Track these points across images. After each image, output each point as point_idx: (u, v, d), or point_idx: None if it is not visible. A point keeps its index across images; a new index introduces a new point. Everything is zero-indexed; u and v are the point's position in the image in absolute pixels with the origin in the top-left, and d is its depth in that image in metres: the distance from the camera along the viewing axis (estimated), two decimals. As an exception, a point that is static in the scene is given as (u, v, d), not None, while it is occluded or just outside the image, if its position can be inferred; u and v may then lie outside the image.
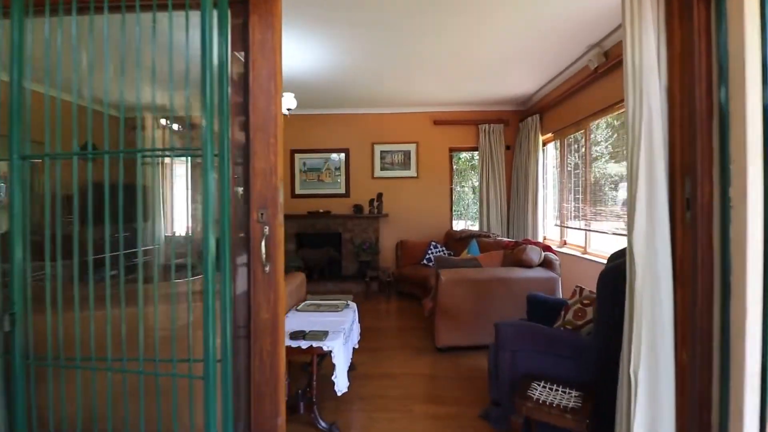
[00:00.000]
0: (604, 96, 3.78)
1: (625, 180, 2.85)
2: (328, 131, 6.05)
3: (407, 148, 5.96)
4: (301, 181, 6.08)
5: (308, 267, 5.75)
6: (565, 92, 4.44)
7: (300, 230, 6.02)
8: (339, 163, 6.02)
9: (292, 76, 4.48)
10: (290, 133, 5.95)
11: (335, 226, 5.97)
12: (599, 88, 3.88)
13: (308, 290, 5.63)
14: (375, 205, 5.84)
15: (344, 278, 5.81)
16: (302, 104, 5.71)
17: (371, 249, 5.71)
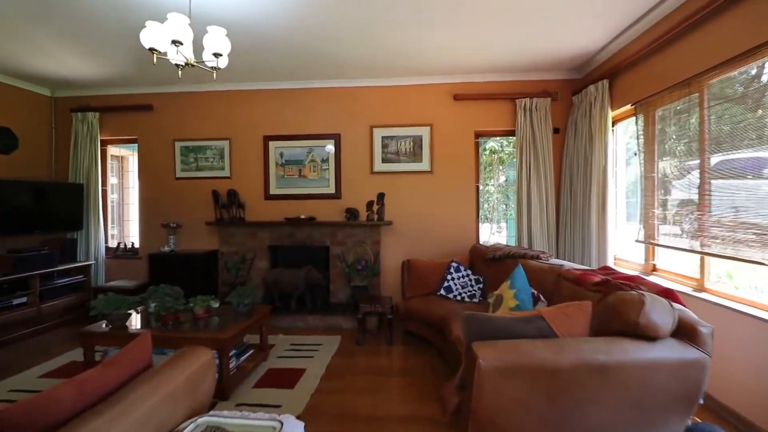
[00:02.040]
0: (733, 37, 2.20)
1: None
2: (313, 112, 4.55)
3: (418, 132, 4.41)
4: (278, 178, 4.59)
5: (283, 293, 4.26)
6: (659, 39, 2.84)
7: (275, 242, 4.54)
8: (327, 153, 4.51)
9: (242, 17, 2.99)
10: (260, 113, 4.47)
11: (321, 237, 4.46)
12: (726, 25, 2.29)
13: (283, 326, 4.20)
14: (374, 209, 4.32)
15: (332, 308, 4.30)
16: (277, 75, 4.22)
17: (369, 270, 4.19)
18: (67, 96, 4.86)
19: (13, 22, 3.10)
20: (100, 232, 4.83)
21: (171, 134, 4.75)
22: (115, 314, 2.76)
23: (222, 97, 4.67)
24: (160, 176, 4.80)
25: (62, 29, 3.22)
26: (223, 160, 4.67)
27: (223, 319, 2.99)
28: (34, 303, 4.03)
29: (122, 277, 4.85)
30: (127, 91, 4.77)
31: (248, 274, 4.55)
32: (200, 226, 4.70)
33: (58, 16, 3.02)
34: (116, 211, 5.24)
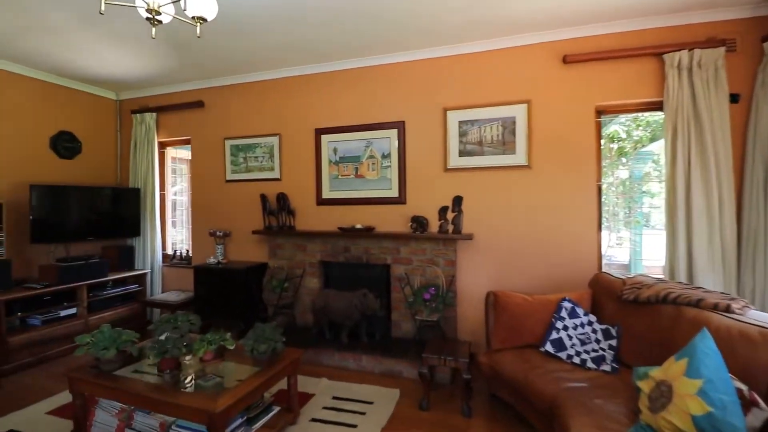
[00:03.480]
0: None
1: None
2: (371, 96, 3.63)
3: (509, 113, 3.20)
4: (331, 179, 3.78)
5: (333, 322, 3.43)
6: None
7: (327, 257, 3.73)
8: (389, 146, 3.56)
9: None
10: (312, 102, 3.73)
11: (381, 252, 3.53)
12: None
13: (329, 365, 3.25)
14: (449, 217, 3.25)
15: (393, 345, 3.32)
16: (330, 53, 3.42)
17: (440, 300, 3.12)
18: (130, 98, 4.71)
19: (70, 27, 2.77)
20: (157, 238, 4.57)
21: (221, 132, 4.27)
22: (103, 357, 2.16)
23: (271, 86, 4.02)
24: (210, 179, 4.36)
25: (111, 29, 2.81)
26: (272, 160, 4.02)
27: (235, 371, 2.23)
28: (82, 315, 3.82)
29: (178, 288, 4.52)
30: (179, 88, 4.42)
31: (296, 294, 3.83)
32: (250, 235, 4.12)
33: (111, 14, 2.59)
34: (178, 216, 4.99)
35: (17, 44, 3.30)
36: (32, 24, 2.95)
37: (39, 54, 3.51)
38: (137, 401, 2.00)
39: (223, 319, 3.80)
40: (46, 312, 3.56)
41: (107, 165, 4.70)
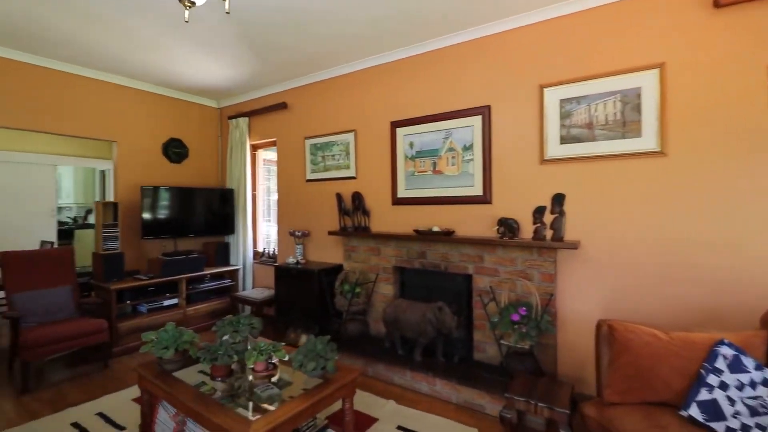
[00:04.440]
0: None
1: None
2: (451, 80, 3.16)
3: (631, 83, 2.41)
4: (407, 176, 3.42)
5: (405, 338, 3.06)
6: None
7: (402, 262, 3.38)
8: (472, 136, 3.04)
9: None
10: (387, 93, 3.43)
11: (461, 260, 3.03)
12: None
13: (399, 385, 2.82)
14: (545, 220, 2.61)
15: (474, 370, 2.80)
16: (405, 36, 3.07)
17: (532, 324, 2.50)
18: (228, 105, 5.05)
19: (166, 40, 3.00)
20: (248, 236, 4.79)
21: (302, 132, 4.25)
22: (163, 356, 2.15)
23: (347, 81, 3.84)
24: (293, 179, 4.38)
25: (199, 38, 2.96)
26: (348, 157, 3.84)
27: (288, 384, 2.02)
28: (182, 306, 4.14)
29: (265, 285, 4.67)
30: (266, 92, 4.55)
31: (369, 301, 3.56)
32: (327, 236, 4.01)
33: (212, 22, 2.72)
34: (272, 216, 5.18)
35: (131, 62, 3.69)
36: (139, 42, 3.23)
37: (149, 69, 3.89)
38: (182, 408, 1.91)
39: (300, 320, 3.74)
40: (152, 301, 3.93)
41: (210, 168, 5.10)
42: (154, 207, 4.17)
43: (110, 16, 2.82)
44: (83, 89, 3.91)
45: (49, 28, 3.02)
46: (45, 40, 3.23)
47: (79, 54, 3.51)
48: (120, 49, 3.41)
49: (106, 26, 2.97)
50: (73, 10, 2.73)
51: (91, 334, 3.12)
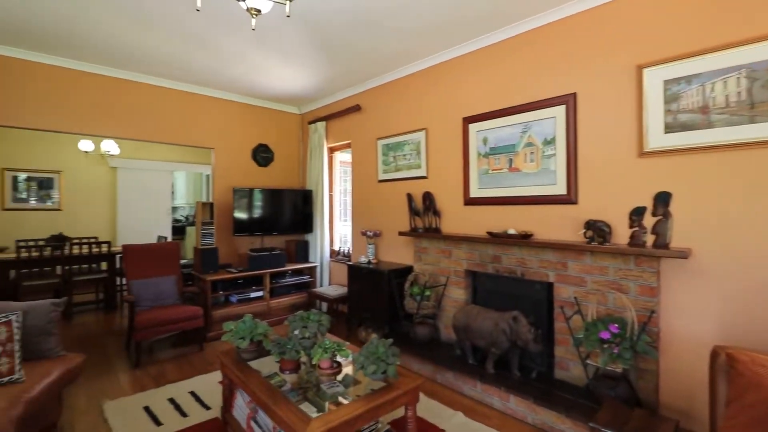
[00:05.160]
0: None
1: None
2: (529, 67, 2.88)
3: (763, 54, 1.93)
4: (480, 174, 3.22)
5: (477, 347, 2.88)
6: None
7: (474, 266, 3.19)
8: (554, 129, 2.74)
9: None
10: (459, 87, 3.30)
11: (540, 266, 2.75)
12: None
13: (469, 396, 2.62)
14: (645, 224, 2.23)
15: (554, 390, 2.52)
16: (475, 23, 2.91)
17: (628, 342, 2.15)
18: (308, 111, 5.33)
19: (250, 52, 3.31)
20: (326, 235, 5.00)
21: (374, 133, 4.28)
22: (239, 346, 2.32)
23: (417, 79, 3.76)
24: (366, 180, 4.44)
25: (278, 47, 3.20)
26: (419, 157, 3.76)
27: (352, 384, 2.03)
28: (266, 298, 4.47)
29: (339, 282, 4.83)
30: (341, 95, 4.69)
31: (439, 305, 3.43)
32: (398, 236, 3.99)
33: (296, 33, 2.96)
34: (349, 216, 5.36)
35: (222, 75, 4.08)
36: (229, 57, 3.56)
37: (239, 82, 4.28)
38: (253, 397, 2.03)
39: (370, 319, 3.78)
40: (241, 292, 4.31)
41: (292, 170, 5.43)
42: (244, 207, 4.57)
43: (204, 35, 3.14)
44: (186, 103, 4.44)
45: (157, 49, 3.47)
46: (154, 62, 3.73)
47: (180, 71, 3.99)
48: (214, 65, 3.80)
49: (201, 45, 3.32)
50: (175, 32, 3.10)
51: (190, 320, 3.52)
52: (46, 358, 2.33)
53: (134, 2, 2.64)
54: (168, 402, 2.66)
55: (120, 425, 2.38)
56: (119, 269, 5.13)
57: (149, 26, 2.99)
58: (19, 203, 5.76)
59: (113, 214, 6.62)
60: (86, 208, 6.34)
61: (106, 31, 3.08)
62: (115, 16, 2.84)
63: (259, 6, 1.62)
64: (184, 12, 2.76)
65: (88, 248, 4.81)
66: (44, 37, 3.18)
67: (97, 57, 3.60)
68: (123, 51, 3.46)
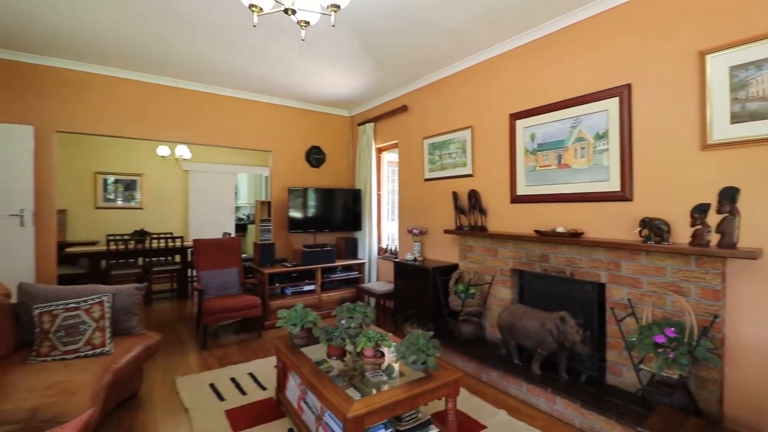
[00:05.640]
0: None
1: None
2: (579, 59, 2.77)
3: None
4: (527, 171, 3.16)
5: (523, 346, 2.84)
6: None
7: (520, 265, 3.14)
8: (606, 122, 2.63)
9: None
10: (505, 84, 3.27)
11: (591, 266, 2.65)
12: None
13: (513, 396, 2.58)
14: (709, 222, 2.08)
15: (604, 395, 2.42)
16: (524, 15, 2.89)
17: (685, 347, 2.02)
18: (358, 113, 5.52)
19: (297, 59, 3.56)
20: (374, 233, 5.15)
21: (420, 132, 4.35)
22: (291, 332, 2.51)
23: (463, 77, 3.76)
24: (412, 179, 4.52)
25: (324, 53, 3.41)
26: (465, 155, 3.76)
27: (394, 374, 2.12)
28: (317, 292, 4.71)
29: (386, 279, 4.95)
30: (389, 97, 4.81)
31: (484, 304, 3.41)
32: (443, 234, 4.02)
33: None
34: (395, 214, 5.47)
35: (277, 82, 4.38)
36: (281, 65, 3.82)
37: (292, 88, 4.56)
38: (303, 379, 2.19)
39: (416, 315, 3.85)
40: (295, 285, 4.59)
41: (342, 170, 5.66)
42: (298, 205, 4.86)
43: (260, 47, 3.41)
44: (247, 110, 4.82)
45: (221, 62, 3.83)
46: (218, 73, 4.10)
47: (241, 81, 4.34)
48: (270, 73, 4.09)
49: (258, 55, 3.61)
50: (236, 46, 3.40)
51: (250, 308, 3.83)
52: (130, 334, 2.69)
53: (209, 25, 2.96)
54: (230, 381, 2.94)
55: (189, 398, 2.68)
56: (190, 262, 5.69)
57: (218, 42, 3.31)
58: (108, 203, 6.59)
59: (185, 212, 7.32)
60: (163, 206, 7.08)
61: (185, 50, 3.46)
62: (195, 38, 3.19)
63: (307, 18, 1.77)
64: (242, 27, 3.03)
65: (165, 242, 5.40)
66: (129, 56, 3.65)
67: (172, 71, 4.04)
68: (194, 65, 3.85)
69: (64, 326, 2.36)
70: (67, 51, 3.52)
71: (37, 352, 2.29)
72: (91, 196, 6.44)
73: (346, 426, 1.73)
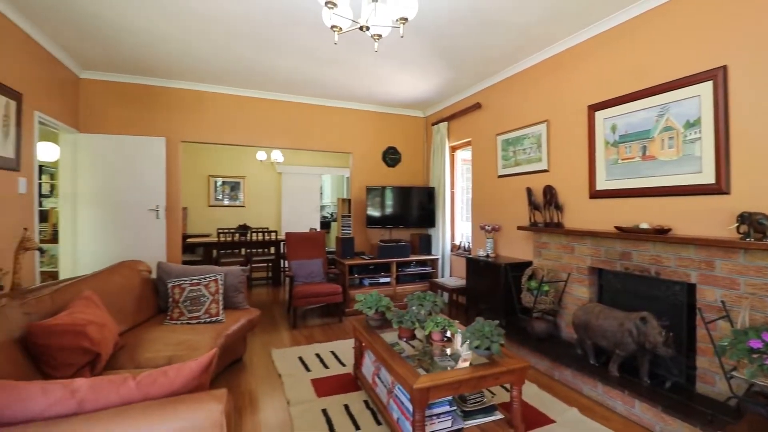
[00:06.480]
0: None
1: None
2: (665, 42, 2.58)
3: None
4: (608, 165, 3.02)
5: (599, 346, 2.75)
6: None
7: (599, 263, 3.02)
8: (698, 109, 2.42)
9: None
10: (582, 75, 3.20)
11: (679, 265, 2.46)
12: None
13: (587, 396, 2.48)
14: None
15: (690, 404, 2.25)
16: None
17: (786, 354, 1.82)
18: (432, 113, 5.67)
19: (375, 65, 3.89)
20: (447, 230, 5.26)
21: (494, 129, 4.35)
22: (367, 314, 2.78)
23: (537, 71, 3.69)
24: (485, 176, 4.54)
25: (401, 59, 3.68)
26: (540, 150, 3.69)
27: (460, 358, 2.27)
28: (392, 284, 4.98)
29: (458, 275, 5.03)
30: (462, 95, 4.88)
31: (559, 302, 3.33)
32: (517, 231, 3.99)
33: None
34: (467, 212, 5.53)
35: (354, 89, 4.74)
36: (358, 74, 4.16)
37: (369, 93, 4.89)
38: (377, 356, 2.43)
39: (487, 311, 3.89)
40: (372, 277, 4.92)
41: (417, 169, 5.86)
42: (375, 202, 5.19)
43: (339, 58, 3.77)
44: (330, 115, 5.28)
45: (308, 74, 4.29)
46: (307, 84, 4.59)
47: (324, 89, 4.79)
48: (349, 81, 4.46)
49: (338, 66, 3.98)
50: (321, 60, 3.81)
51: (332, 295, 4.24)
52: (236, 308, 3.22)
53: (302, 46, 3.39)
54: (315, 356, 3.33)
55: (282, 367, 3.12)
56: (283, 253, 6.39)
57: (309, 59, 3.76)
58: (217, 202, 7.68)
59: (279, 209, 8.19)
60: (261, 204, 8.02)
61: (282, 67, 3.99)
62: (290, 57, 3.68)
63: (380, 32, 2.00)
64: (327, 45, 3.40)
65: (263, 235, 6.15)
66: (237, 76, 4.30)
67: (272, 86, 4.64)
68: (289, 79, 4.39)
69: (189, 297, 2.93)
70: (187, 74, 4.28)
71: (170, 317, 2.89)
72: (205, 196, 7.59)
73: (413, 396, 1.92)
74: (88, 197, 4.14)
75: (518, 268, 3.69)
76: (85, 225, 4.14)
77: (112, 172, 4.20)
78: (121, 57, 3.76)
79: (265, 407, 2.55)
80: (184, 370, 1.26)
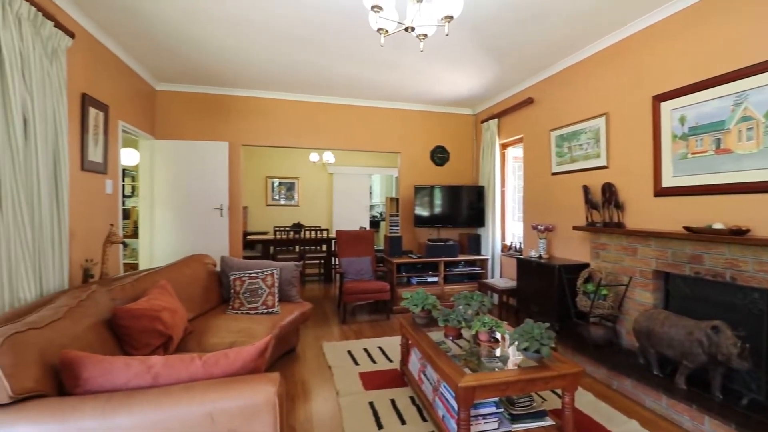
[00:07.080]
0: None
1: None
2: (741, 23, 2.32)
3: None
4: (675, 160, 2.77)
5: (663, 356, 2.55)
6: None
7: (665, 266, 2.79)
8: (788, 97, 2.15)
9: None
10: (647, 63, 3.00)
11: (760, 270, 2.21)
12: None
13: (646, 407, 2.27)
14: None
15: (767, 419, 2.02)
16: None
17: None
18: (481, 110, 5.56)
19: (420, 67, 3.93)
20: (497, 230, 5.14)
21: (547, 124, 4.17)
22: (413, 312, 2.81)
23: (595, 61, 3.48)
24: (538, 173, 4.37)
25: (447, 57, 3.68)
26: (598, 145, 3.48)
27: (509, 360, 2.23)
28: (440, 284, 4.96)
29: (509, 276, 4.89)
30: (513, 91, 4.73)
31: (619, 307, 3.12)
32: (572, 231, 3.80)
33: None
34: (519, 211, 5.35)
35: (403, 89, 4.78)
36: (405, 74, 4.19)
37: (417, 92, 4.91)
38: (424, 353, 2.46)
39: (539, 314, 3.75)
40: (419, 276, 4.94)
41: (466, 168, 5.78)
42: (423, 201, 5.20)
43: (389, 59, 3.83)
44: (378, 116, 5.38)
45: (360, 78, 4.41)
46: (357, 86, 4.71)
47: (374, 90, 4.89)
48: (397, 81, 4.52)
49: (388, 68, 4.05)
50: (370, 62, 3.90)
51: (380, 292, 4.32)
52: (290, 301, 3.40)
53: (356, 51, 3.51)
54: (363, 350, 3.43)
55: (332, 359, 3.25)
56: (334, 251, 6.61)
57: (360, 62, 3.88)
58: (274, 201, 8.12)
59: (330, 208, 8.48)
60: (314, 204, 8.36)
61: (336, 71, 4.15)
62: (344, 62, 3.82)
63: (425, 32, 2.02)
64: (375, 47, 3.48)
65: (315, 233, 6.42)
66: (295, 82, 4.54)
67: (327, 90, 4.83)
68: (343, 83, 4.55)
69: (249, 289, 3.16)
70: (246, 82, 4.59)
71: (231, 306, 3.13)
72: (263, 196, 8.06)
73: (458, 395, 1.93)
74: (162, 197, 4.59)
75: (573, 270, 3.52)
76: (160, 222, 4.60)
77: (183, 174, 4.62)
78: (191, 69, 4.13)
79: (316, 396, 2.69)
80: (242, 354, 1.39)
